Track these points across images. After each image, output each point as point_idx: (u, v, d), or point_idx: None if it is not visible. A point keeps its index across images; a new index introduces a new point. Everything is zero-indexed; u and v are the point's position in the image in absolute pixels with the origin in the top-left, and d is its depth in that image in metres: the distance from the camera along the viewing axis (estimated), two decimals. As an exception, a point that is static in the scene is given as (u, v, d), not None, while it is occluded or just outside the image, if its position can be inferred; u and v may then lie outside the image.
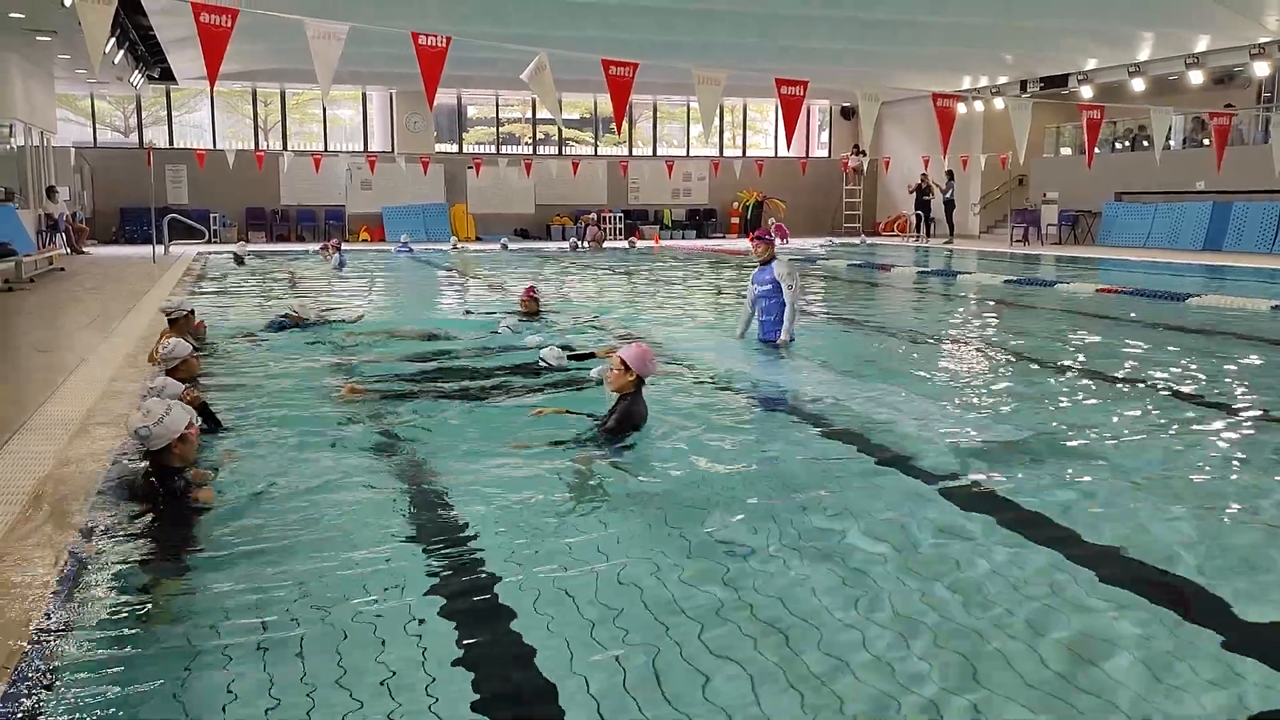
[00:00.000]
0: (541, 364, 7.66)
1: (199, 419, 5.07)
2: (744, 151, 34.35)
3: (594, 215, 30.16)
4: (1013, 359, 9.03)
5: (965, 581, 3.79)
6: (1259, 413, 6.68)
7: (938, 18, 19.32)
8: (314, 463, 5.32)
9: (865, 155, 32.34)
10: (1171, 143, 23.46)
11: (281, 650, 3.24)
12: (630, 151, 33.35)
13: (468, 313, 11.84)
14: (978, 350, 9.69)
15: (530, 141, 32.95)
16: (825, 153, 34.89)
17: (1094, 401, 7.08)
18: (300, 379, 7.75)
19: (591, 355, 8.17)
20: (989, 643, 3.29)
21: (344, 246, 21.60)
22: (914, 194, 28.92)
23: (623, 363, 5.71)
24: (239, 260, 20.05)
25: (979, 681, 3.04)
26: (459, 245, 26.18)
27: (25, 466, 5.06)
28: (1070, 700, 2.94)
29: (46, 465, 5.07)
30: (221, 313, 11.80)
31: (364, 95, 30.58)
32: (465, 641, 3.31)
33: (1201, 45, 21.58)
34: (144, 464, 4.64)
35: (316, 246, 22.85)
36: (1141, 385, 7.61)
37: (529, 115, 32.73)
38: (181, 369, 6.45)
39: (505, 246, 26.04)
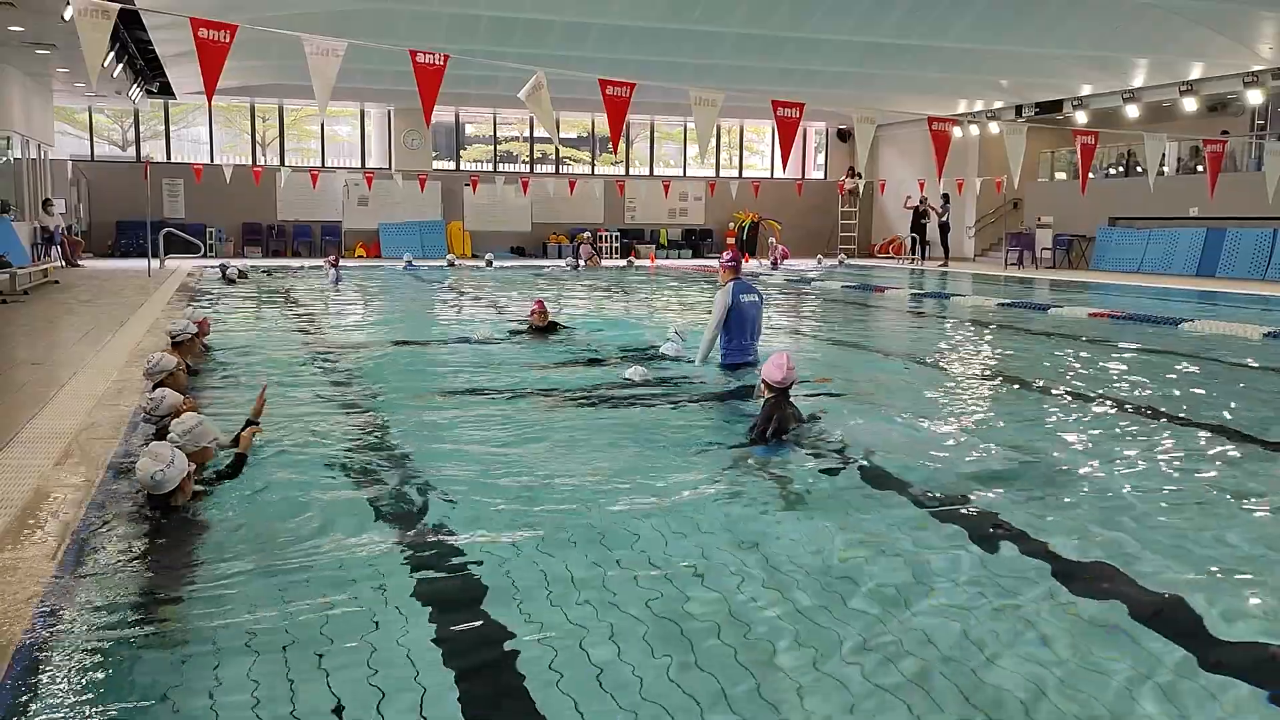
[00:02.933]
0: (626, 380, 8.20)
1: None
2: (740, 172, 34.47)
3: (588, 234, 30.27)
4: (1005, 383, 9.05)
5: (954, 601, 3.79)
6: (1250, 436, 6.70)
7: (934, 42, 19.44)
8: (325, 476, 5.34)
9: (861, 178, 32.44)
10: (1165, 168, 23.56)
11: (275, 656, 3.27)
12: (627, 171, 33.45)
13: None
14: (970, 374, 9.70)
15: (527, 160, 33.04)
16: (821, 174, 35.02)
17: (1085, 425, 7.09)
18: (305, 391, 7.77)
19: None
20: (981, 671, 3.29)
21: (341, 263, 21.60)
22: (911, 211, 28.97)
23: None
24: (230, 279, 19.10)
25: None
26: (455, 262, 26.24)
27: (16, 479, 5.05)
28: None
29: (39, 476, 5.06)
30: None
31: (362, 112, 30.66)
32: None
33: (1195, 72, 21.73)
34: (145, 505, 4.65)
35: (321, 261, 22.86)
36: (1133, 410, 7.63)
37: (526, 134, 32.84)
38: (169, 382, 6.46)
39: (490, 264, 26.06)
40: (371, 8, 17.43)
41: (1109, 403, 7.90)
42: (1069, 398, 8.15)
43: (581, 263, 26.47)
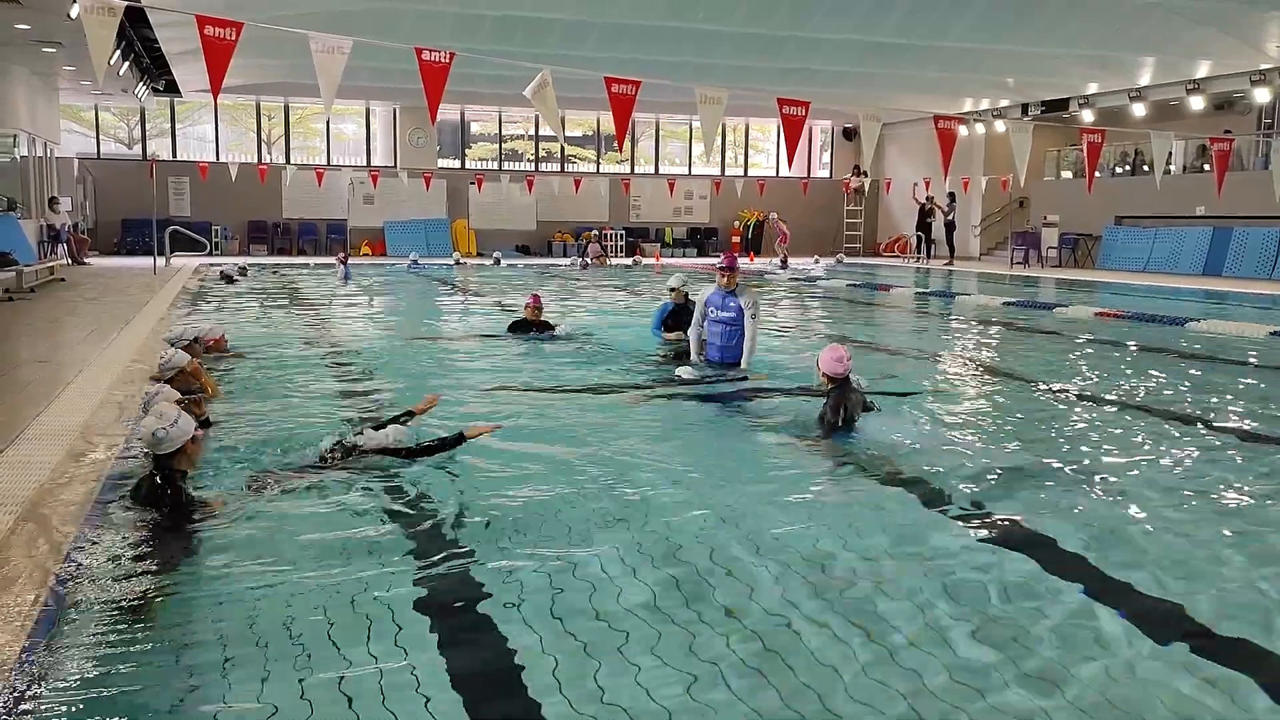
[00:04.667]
0: (679, 378, 8.28)
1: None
2: (745, 171, 34.44)
3: (595, 232, 30.28)
4: (1010, 382, 9.03)
5: (960, 603, 3.79)
6: (1255, 435, 6.68)
7: (935, 42, 19.41)
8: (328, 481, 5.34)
9: (866, 176, 32.42)
10: (1172, 167, 23.52)
11: (279, 654, 3.27)
12: (632, 169, 33.44)
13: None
14: (975, 373, 9.68)
15: (532, 158, 33.04)
16: (827, 173, 34.98)
17: (1090, 425, 7.07)
18: (315, 396, 7.79)
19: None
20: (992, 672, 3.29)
21: (350, 260, 21.62)
22: (918, 206, 28.90)
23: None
24: (229, 278, 18.84)
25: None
26: (461, 261, 26.24)
27: (22, 475, 5.05)
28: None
29: (43, 474, 5.06)
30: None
31: (368, 110, 30.68)
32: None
33: (1202, 71, 21.66)
34: (150, 471, 4.68)
35: (333, 259, 22.90)
36: (1139, 409, 7.62)
37: (532, 132, 32.84)
38: (179, 379, 6.47)
39: (498, 261, 26.07)
40: (376, 7, 17.44)
41: (1115, 402, 7.89)
42: (1075, 397, 8.13)
43: (589, 261, 26.43)
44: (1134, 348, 11.23)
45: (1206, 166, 23.04)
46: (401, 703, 3.00)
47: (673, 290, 10.21)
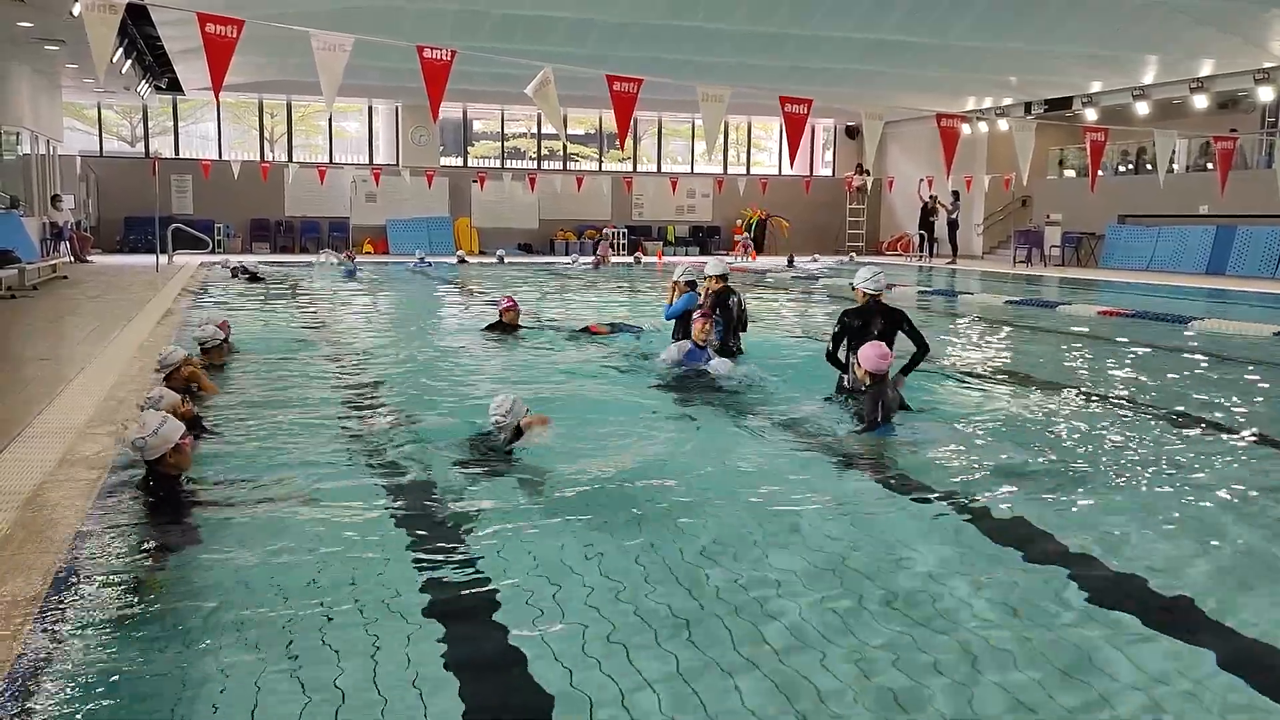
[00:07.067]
0: (714, 372, 8.22)
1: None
2: (748, 169, 34.41)
3: (606, 231, 30.25)
4: (1012, 381, 9.01)
5: (964, 603, 3.78)
6: (1259, 436, 6.66)
7: (941, 40, 19.40)
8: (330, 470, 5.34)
9: (869, 174, 32.38)
10: (1175, 166, 23.48)
11: (275, 645, 3.29)
12: (635, 167, 33.40)
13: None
14: (976, 372, 9.66)
15: (535, 156, 33.03)
16: (829, 172, 34.94)
17: (1092, 424, 7.06)
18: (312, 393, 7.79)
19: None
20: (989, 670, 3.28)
21: (356, 258, 21.65)
22: (921, 204, 28.85)
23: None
24: (257, 275, 18.92)
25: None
26: (465, 259, 26.20)
27: (24, 471, 5.05)
28: None
29: (45, 470, 5.06)
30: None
31: (370, 108, 30.67)
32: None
33: (1205, 70, 21.62)
34: (145, 474, 4.75)
35: (334, 256, 22.93)
36: (1142, 408, 7.60)
37: (534, 130, 32.82)
38: (176, 378, 6.48)
39: (502, 260, 26.03)
40: (378, 4, 17.43)
41: (1118, 400, 7.88)
42: (1078, 396, 8.11)
43: (599, 260, 26.25)
44: (1138, 346, 11.19)
45: (1210, 165, 22.98)
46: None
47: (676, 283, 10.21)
